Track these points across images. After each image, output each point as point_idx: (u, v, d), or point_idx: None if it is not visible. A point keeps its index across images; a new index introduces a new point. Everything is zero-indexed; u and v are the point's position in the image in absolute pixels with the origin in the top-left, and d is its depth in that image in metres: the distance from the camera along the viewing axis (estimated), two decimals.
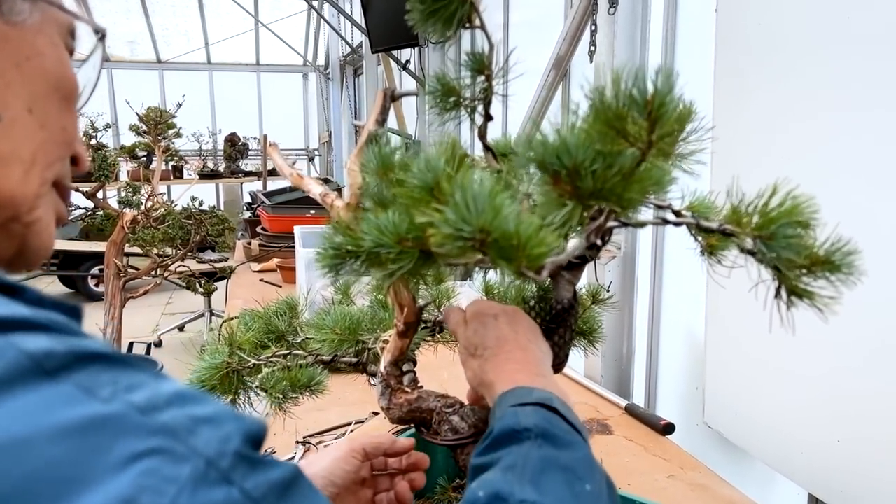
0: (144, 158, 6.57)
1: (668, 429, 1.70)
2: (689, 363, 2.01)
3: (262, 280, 3.48)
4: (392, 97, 0.68)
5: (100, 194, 3.47)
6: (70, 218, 3.72)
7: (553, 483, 0.56)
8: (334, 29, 7.45)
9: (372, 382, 1.06)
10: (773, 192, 0.51)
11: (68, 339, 0.39)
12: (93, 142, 3.54)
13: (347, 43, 7.48)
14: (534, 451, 0.58)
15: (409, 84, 5.06)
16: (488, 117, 0.71)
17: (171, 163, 7.36)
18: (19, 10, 0.48)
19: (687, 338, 2.04)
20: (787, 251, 0.50)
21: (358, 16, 5.41)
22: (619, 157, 0.49)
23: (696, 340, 1.91)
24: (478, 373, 0.73)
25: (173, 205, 3.77)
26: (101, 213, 3.61)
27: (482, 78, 0.68)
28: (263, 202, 4.34)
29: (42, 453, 0.34)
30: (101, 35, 0.57)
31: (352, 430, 1.68)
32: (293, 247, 3.29)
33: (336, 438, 1.66)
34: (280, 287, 3.34)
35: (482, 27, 0.65)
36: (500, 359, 0.71)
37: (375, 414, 1.74)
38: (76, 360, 0.38)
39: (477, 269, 0.84)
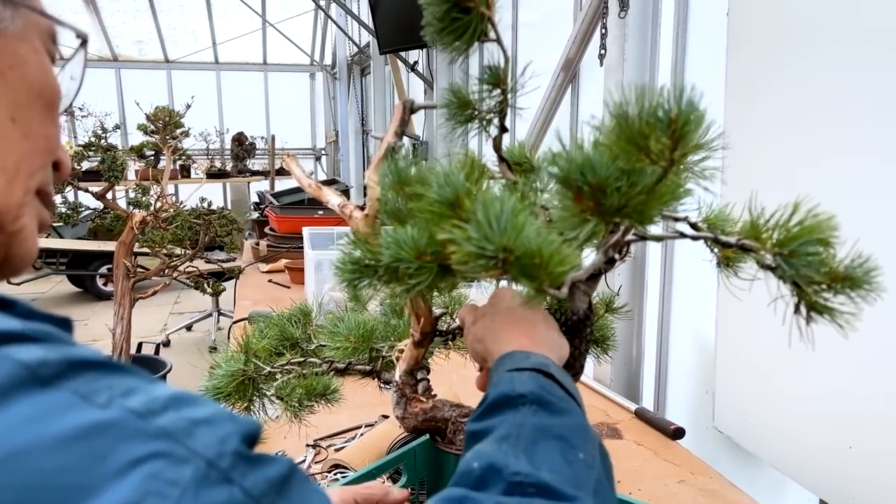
0: (152, 158, 6.59)
1: (678, 433, 1.70)
2: (699, 367, 2.01)
3: (270, 281, 3.49)
4: (411, 110, 0.68)
5: (109, 195, 3.48)
6: (80, 217, 3.75)
7: (547, 452, 0.56)
8: (341, 29, 7.46)
9: (384, 388, 1.06)
10: (794, 209, 0.51)
11: (61, 348, 0.39)
12: (102, 143, 3.55)
13: (355, 43, 7.49)
14: (528, 419, 0.58)
15: (416, 84, 5.07)
16: (503, 129, 0.71)
17: (179, 162, 7.39)
18: (0, 17, 0.48)
19: (697, 341, 2.04)
20: (807, 268, 0.50)
21: (365, 16, 5.42)
22: (641, 174, 0.49)
23: (706, 344, 1.91)
24: (479, 333, 0.73)
25: (182, 205, 3.78)
26: (111, 213, 3.62)
27: (497, 91, 0.68)
28: (271, 202, 4.35)
29: (44, 463, 0.34)
30: (82, 40, 0.56)
31: (362, 434, 1.68)
32: (301, 247, 3.30)
33: (347, 441, 1.66)
34: (288, 288, 3.35)
35: (498, 41, 0.65)
36: (505, 322, 0.71)
37: (385, 417, 1.75)
38: (71, 368, 0.38)
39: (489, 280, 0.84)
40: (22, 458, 0.34)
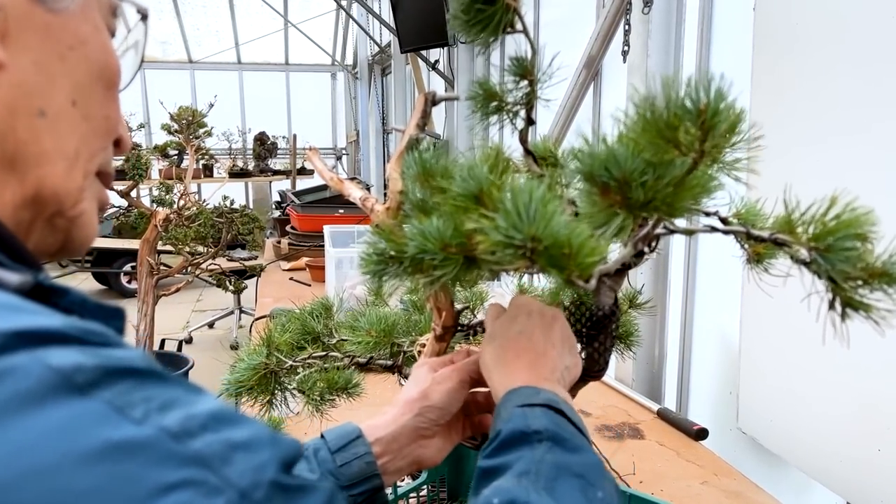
0: (176, 157, 6.67)
1: (701, 434, 1.68)
2: (723, 367, 1.98)
3: (291, 279, 3.51)
4: (433, 102, 0.68)
5: (133, 193, 3.53)
6: (104, 215, 3.80)
7: (568, 490, 0.55)
8: (363, 28, 7.48)
9: (403, 384, 1.06)
10: (831, 203, 0.50)
11: (101, 352, 0.37)
12: None
13: (376, 42, 7.51)
14: (546, 455, 0.57)
15: (437, 83, 5.06)
16: (530, 122, 0.70)
17: (202, 161, 7.47)
18: None
19: (721, 341, 2.01)
20: (844, 263, 0.49)
21: (387, 15, 5.43)
22: (669, 166, 0.48)
23: (730, 344, 1.88)
24: (487, 360, 0.71)
25: (205, 204, 3.82)
26: (135, 211, 3.67)
27: (524, 82, 0.67)
28: (293, 201, 4.38)
29: (69, 482, 0.32)
30: (143, 15, 0.54)
31: None
32: (322, 246, 3.31)
33: None
34: (309, 286, 3.36)
35: (525, 32, 0.64)
36: (511, 353, 0.69)
37: None
38: (107, 375, 0.36)
39: (513, 273, 0.83)
40: (46, 477, 0.32)
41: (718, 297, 2.02)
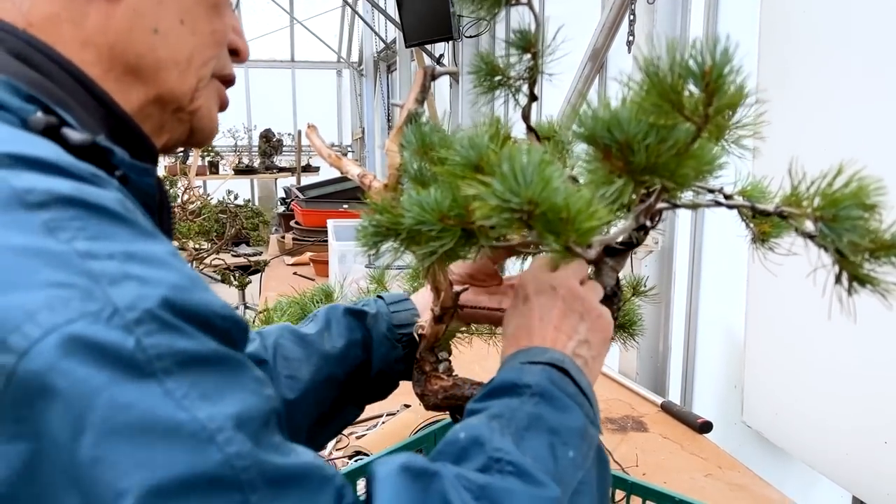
0: (181, 153, 6.69)
1: (705, 427, 1.67)
2: (728, 360, 1.97)
3: (295, 273, 3.51)
4: (432, 76, 0.67)
5: None
6: None
7: (535, 441, 0.54)
8: (368, 24, 7.48)
9: None
10: (837, 173, 0.49)
11: (78, 185, 0.42)
12: None
13: (381, 38, 7.51)
14: (526, 406, 0.56)
15: (441, 79, 5.05)
16: (533, 97, 0.69)
17: (207, 158, 7.47)
18: None
19: (725, 334, 2.00)
20: (851, 234, 0.48)
21: (392, 11, 5.42)
22: (673, 131, 0.47)
23: (734, 336, 1.87)
24: (511, 323, 0.67)
25: (209, 198, 3.82)
26: None
27: (528, 56, 0.66)
28: (297, 196, 4.37)
29: None
30: None
31: (383, 422, 1.67)
32: (326, 241, 3.30)
33: (368, 429, 1.65)
34: (313, 280, 3.36)
35: (529, 4, 0.63)
36: (522, 332, 0.65)
37: (407, 406, 1.74)
38: (56, 201, 0.41)
39: (517, 255, 0.82)
40: None
41: (723, 290, 2.01)
